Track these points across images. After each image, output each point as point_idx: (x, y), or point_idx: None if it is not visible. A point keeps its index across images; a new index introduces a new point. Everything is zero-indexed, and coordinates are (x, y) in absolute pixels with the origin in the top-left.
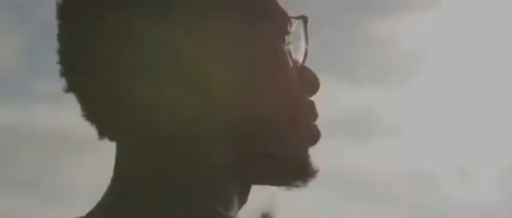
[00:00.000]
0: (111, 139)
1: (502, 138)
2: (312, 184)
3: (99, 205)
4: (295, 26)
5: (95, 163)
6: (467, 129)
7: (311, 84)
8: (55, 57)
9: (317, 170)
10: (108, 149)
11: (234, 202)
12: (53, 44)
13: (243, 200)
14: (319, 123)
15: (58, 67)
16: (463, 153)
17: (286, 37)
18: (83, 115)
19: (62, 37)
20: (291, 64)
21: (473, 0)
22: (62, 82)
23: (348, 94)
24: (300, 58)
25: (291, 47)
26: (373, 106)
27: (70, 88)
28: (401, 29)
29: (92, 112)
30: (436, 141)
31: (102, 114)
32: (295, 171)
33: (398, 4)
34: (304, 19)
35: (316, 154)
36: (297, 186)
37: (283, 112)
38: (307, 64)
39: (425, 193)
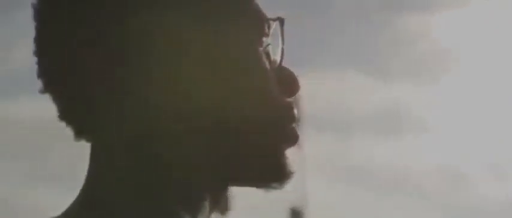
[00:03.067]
0: (88, 140)
1: None
2: (342, 179)
3: (72, 206)
4: (274, 28)
5: None
6: (498, 126)
7: (289, 85)
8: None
9: (293, 173)
10: None
11: (203, 205)
12: None
13: (217, 202)
14: (297, 124)
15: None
16: (494, 150)
17: (264, 39)
18: (59, 116)
19: (38, 39)
20: (268, 65)
21: None
22: (39, 84)
23: (378, 90)
24: (278, 59)
25: (270, 49)
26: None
27: (47, 88)
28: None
29: (69, 112)
30: (467, 138)
31: (80, 114)
32: (270, 173)
33: (430, 1)
34: (281, 21)
35: (345, 149)
36: (274, 188)
37: (257, 114)
38: (336, 60)
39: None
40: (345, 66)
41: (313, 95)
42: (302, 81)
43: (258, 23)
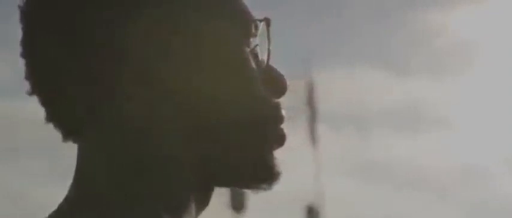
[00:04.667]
0: (76, 140)
1: None
2: (360, 175)
3: (60, 207)
4: (262, 28)
5: None
6: None
7: (277, 85)
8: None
9: (279, 174)
10: None
11: (188, 206)
12: None
13: (203, 203)
14: (284, 125)
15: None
16: None
17: (251, 39)
18: (47, 118)
19: (25, 40)
20: (255, 65)
21: None
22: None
23: (397, 87)
24: (266, 59)
25: (258, 49)
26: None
27: (34, 90)
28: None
29: (57, 114)
30: (487, 134)
31: (69, 115)
32: (257, 174)
33: None
34: (267, 21)
35: (363, 146)
36: (261, 189)
37: (244, 114)
38: (355, 57)
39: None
40: (363, 62)
41: (331, 91)
42: (321, 78)
43: (245, 24)
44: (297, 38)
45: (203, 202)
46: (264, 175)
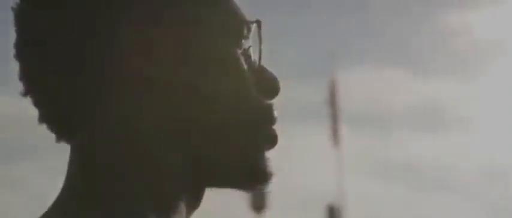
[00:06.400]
0: (68, 141)
1: None
2: (381, 175)
3: (49, 207)
4: (254, 30)
5: None
6: None
7: (269, 87)
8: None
9: (271, 175)
10: None
11: (178, 206)
12: None
13: (195, 203)
14: (277, 126)
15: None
16: None
17: (243, 41)
18: (40, 118)
19: (19, 42)
20: (247, 67)
21: None
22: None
23: (418, 87)
24: (258, 60)
25: (251, 50)
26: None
27: (28, 91)
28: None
29: (51, 114)
30: (508, 134)
31: (62, 116)
32: (248, 175)
33: None
34: (258, 23)
35: (385, 146)
36: (253, 190)
37: (235, 115)
38: (376, 57)
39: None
40: (385, 62)
41: (353, 92)
42: (343, 78)
43: (236, 25)
44: (320, 38)
45: (194, 202)
46: (255, 176)
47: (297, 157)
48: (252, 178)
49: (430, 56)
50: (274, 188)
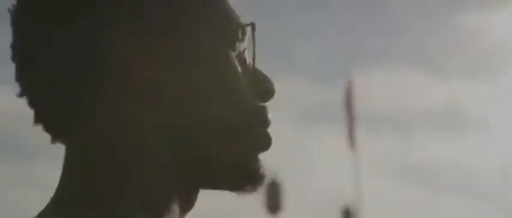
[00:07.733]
0: (64, 142)
1: None
2: (399, 177)
3: (44, 208)
4: (249, 32)
5: None
6: None
7: (264, 89)
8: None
9: (264, 177)
10: None
11: (170, 207)
12: None
13: (188, 204)
14: (270, 128)
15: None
16: None
17: (237, 43)
18: (36, 120)
19: (15, 43)
20: (241, 69)
21: None
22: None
23: (437, 89)
24: (252, 62)
25: (246, 53)
26: (463, 100)
27: (24, 92)
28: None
29: (46, 116)
30: None
31: (58, 117)
32: (242, 177)
33: None
34: (253, 26)
35: (403, 148)
36: (246, 192)
37: (228, 117)
38: (394, 59)
39: None
40: (403, 64)
41: (371, 93)
42: (360, 79)
43: (230, 28)
44: (339, 39)
45: (188, 203)
46: (248, 178)
47: (313, 159)
48: (246, 180)
49: (449, 57)
50: (289, 190)
